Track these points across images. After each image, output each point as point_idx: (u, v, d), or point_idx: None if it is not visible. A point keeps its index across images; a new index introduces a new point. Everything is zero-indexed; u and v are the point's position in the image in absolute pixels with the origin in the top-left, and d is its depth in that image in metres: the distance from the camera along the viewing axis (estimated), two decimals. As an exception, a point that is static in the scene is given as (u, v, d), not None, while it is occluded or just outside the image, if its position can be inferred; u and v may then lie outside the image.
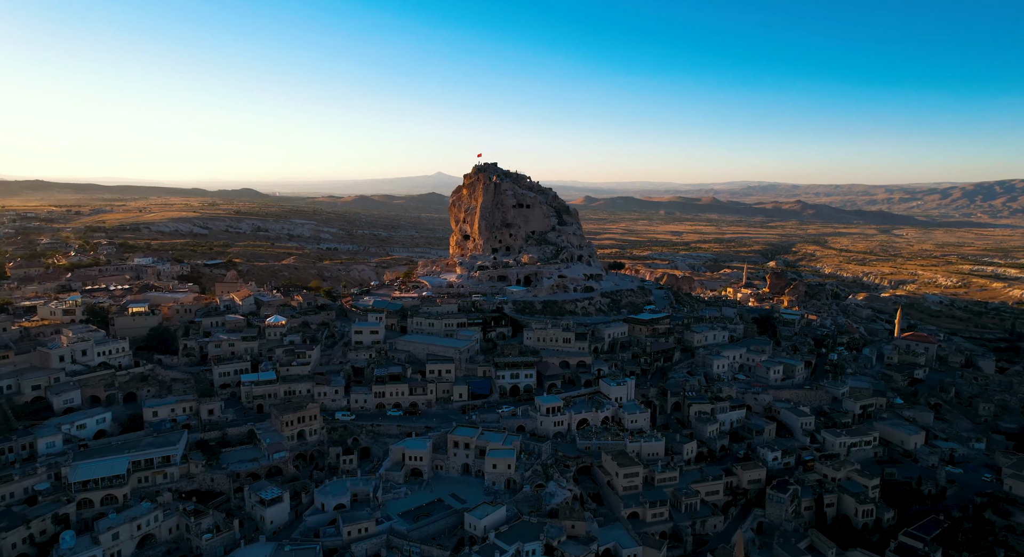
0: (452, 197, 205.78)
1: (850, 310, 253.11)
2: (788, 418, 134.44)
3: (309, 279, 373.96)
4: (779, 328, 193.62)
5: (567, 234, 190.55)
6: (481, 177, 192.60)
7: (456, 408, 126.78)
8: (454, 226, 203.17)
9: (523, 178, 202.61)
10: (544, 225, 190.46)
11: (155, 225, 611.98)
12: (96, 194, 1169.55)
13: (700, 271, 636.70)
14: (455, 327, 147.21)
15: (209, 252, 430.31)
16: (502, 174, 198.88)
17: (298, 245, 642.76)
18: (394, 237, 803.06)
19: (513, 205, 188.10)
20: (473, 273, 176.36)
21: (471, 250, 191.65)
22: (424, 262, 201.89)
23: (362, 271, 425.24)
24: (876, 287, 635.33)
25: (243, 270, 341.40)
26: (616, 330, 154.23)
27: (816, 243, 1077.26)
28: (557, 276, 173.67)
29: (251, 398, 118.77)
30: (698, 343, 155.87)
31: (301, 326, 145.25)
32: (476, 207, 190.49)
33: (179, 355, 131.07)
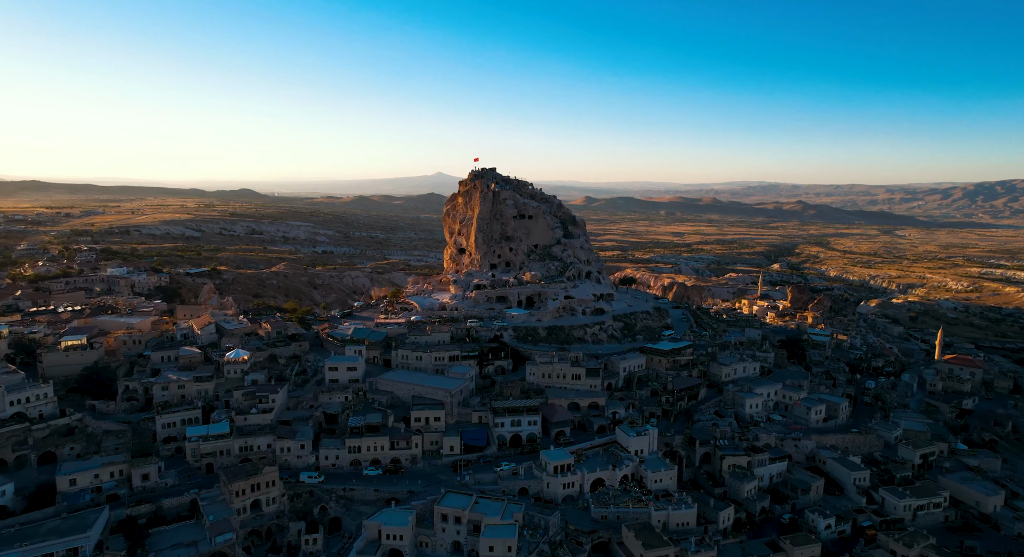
0: (446, 206, 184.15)
1: (879, 327, 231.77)
2: (837, 471, 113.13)
3: (299, 288, 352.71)
4: (808, 351, 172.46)
5: (574, 248, 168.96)
6: (478, 184, 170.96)
7: (446, 464, 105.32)
8: (448, 238, 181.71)
9: (524, 185, 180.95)
10: (548, 238, 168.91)
11: (146, 228, 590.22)
12: (92, 195, 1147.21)
13: (705, 276, 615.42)
14: (447, 361, 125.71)
15: (197, 258, 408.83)
16: (501, 181, 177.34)
17: (293, 248, 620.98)
18: (392, 239, 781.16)
19: (513, 216, 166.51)
20: (468, 293, 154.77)
21: (467, 265, 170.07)
22: (414, 279, 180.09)
23: (355, 278, 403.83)
24: (885, 291, 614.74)
25: (228, 279, 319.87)
26: (632, 362, 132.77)
27: (819, 244, 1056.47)
28: (563, 297, 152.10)
29: (199, 456, 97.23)
30: (726, 377, 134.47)
31: (268, 361, 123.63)
32: (472, 218, 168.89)
33: (118, 400, 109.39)
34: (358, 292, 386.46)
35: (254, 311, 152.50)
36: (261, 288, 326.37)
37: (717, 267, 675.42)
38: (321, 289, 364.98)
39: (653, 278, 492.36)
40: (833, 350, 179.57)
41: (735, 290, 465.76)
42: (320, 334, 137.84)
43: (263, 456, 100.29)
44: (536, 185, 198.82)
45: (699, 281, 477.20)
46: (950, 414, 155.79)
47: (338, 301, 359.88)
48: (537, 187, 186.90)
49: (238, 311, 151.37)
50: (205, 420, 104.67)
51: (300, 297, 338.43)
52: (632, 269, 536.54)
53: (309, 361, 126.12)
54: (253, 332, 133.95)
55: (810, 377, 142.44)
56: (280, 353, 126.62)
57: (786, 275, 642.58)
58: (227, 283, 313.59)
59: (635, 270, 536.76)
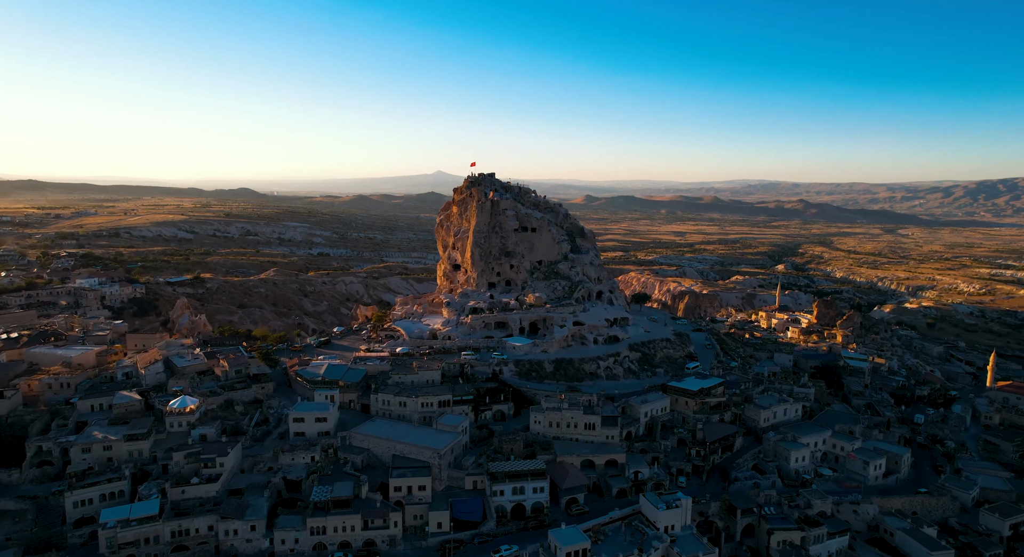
0: (439, 216, 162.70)
1: (916, 346, 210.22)
2: (910, 547, 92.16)
3: (288, 296, 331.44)
4: (846, 379, 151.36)
5: (582, 264, 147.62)
6: (475, 192, 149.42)
7: (432, 546, 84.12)
8: (442, 252, 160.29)
9: (527, 192, 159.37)
10: (554, 253, 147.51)
11: (136, 230, 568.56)
12: (89, 194, 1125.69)
13: (711, 278, 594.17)
14: (435, 407, 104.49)
15: (185, 263, 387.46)
16: (501, 188, 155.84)
17: (288, 251, 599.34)
18: (390, 240, 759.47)
19: (515, 228, 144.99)
20: (463, 318, 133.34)
21: (462, 284, 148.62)
22: (402, 300, 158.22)
23: (349, 285, 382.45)
24: (894, 294, 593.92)
25: (212, 288, 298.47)
26: (655, 405, 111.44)
27: (822, 244, 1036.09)
28: (572, 323, 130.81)
29: (116, 548, 76.19)
30: (765, 422, 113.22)
31: (223, 408, 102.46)
32: (468, 230, 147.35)
33: (25, 466, 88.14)
34: (351, 299, 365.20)
35: (216, 341, 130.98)
36: (247, 297, 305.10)
37: (722, 269, 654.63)
38: (312, 297, 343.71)
39: (659, 283, 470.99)
40: (871, 376, 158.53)
41: (744, 295, 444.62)
42: (289, 371, 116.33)
43: (202, 541, 79.21)
44: (536, 183, 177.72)
45: (706, 285, 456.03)
46: (1014, 454, 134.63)
47: (330, 309, 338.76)
48: (541, 194, 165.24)
49: (199, 339, 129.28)
50: (134, 493, 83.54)
51: (289, 306, 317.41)
52: (636, 272, 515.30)
53: (273, 408, 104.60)
54: (209, 369, 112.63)
55: (861, 419, 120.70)
56: (238, 398, 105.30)
57: (792, 277, 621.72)
58: (210, 293, 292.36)
59: (639, 273, 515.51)
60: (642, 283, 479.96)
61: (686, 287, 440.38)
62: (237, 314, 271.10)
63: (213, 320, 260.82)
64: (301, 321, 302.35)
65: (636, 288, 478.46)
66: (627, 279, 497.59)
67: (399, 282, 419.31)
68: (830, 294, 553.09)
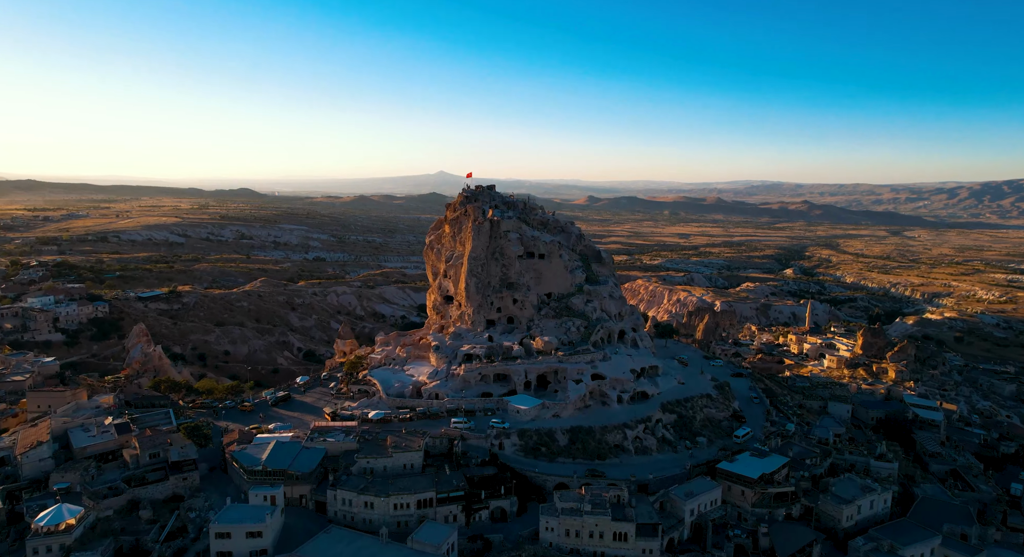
0: (429, 236, 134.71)
1: (983, 384, 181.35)
2: None
3: (273, 310, 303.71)
4: (918, 436, 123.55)
5: (600, 298, 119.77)
6: (471, 210, 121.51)
7: None
8: (432, 280, 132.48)
9: (533, 210, 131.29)
10: (566, 284, 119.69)
11: (126, 234, 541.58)
12: (87, 195, 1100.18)
13: (719, 284, 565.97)
14: (413, 509, 76.93)
15: (168, 271, 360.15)
16: (502, 203, 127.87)
17: (283, 256, 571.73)
18: (389, 244, 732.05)
19: (519, 255, 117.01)
20: (455, 368, 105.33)
21: (455, 320, 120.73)
22: (383, 339, 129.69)
23: (341, 296, 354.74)
24: (910, 301, 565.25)
25: (189, 303, 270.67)
26: (703, 499, 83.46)
27: (828, 246, 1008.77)
28: (591, 376, 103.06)
29: None
30: (847, 520, 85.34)
31: (123, 514, 74.69)
32: (463, 256, 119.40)
33: None
34: (343, 312, 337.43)
35: (141, 399, 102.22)
36: (228, 312, 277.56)
37: (729, 275, 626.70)
38: (300, 310, 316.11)
39: (667, 292, 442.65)
40: (945, 429, 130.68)
41: (758, 306, 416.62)
42: (225, 451, 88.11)
43: None
44: (538, 184, 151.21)
45: (717, 295, 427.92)
46: None
47: (318, 324, 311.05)
48: (549, 211, 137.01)
49: (120, 399, 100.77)
50: None
51: (274, 321, 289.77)
52: (643, 280, 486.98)
53: (195, 510, 76.50)
54: (119, 449, 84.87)
55: (969, 512, 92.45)
56: (149, 496, 77.19)
57: (803, 283, 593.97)
58: (186, 309, 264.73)
59: (646, 281, 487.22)
60: (650, 292, 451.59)
61: (697, 297, 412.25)
62: (214, 333, 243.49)
63: (186, 341, 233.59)
64: (285, 338, 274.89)
65: (644, 297, 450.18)
66: (634, 287, 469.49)
67: (395, 292, 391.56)
68: (844, 302, 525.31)
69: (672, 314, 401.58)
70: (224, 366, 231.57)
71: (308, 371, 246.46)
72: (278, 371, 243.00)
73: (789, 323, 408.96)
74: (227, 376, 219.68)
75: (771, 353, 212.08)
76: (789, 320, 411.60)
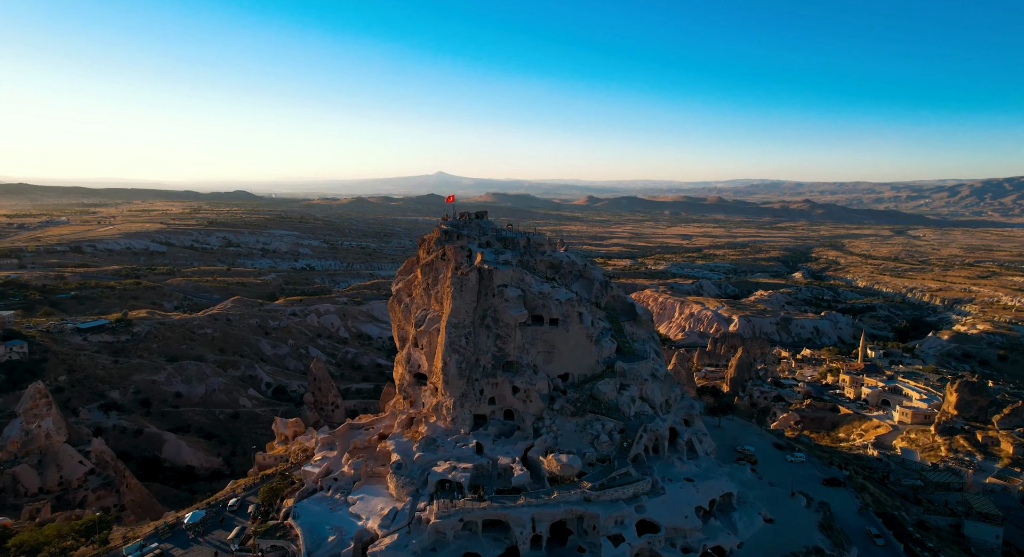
0: (396, 283, 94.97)
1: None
2: None
3: (242, 336, 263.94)
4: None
5: (640, 379, 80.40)
6: (451, 253, 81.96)
7: None
8: (399, 346, 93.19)
9: (539, 247, 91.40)
10: (589, 361, 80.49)
11: (102, 242, 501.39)
12: (80, 198, 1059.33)
13: (730, 293, 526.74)
14: None
15: (134, 289, 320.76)
16: (495, 239, 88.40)
17: (269, 265, 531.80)
18: (384, 249, 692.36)
19: (522, 322, 78.13)
20: (424, 509, 66.35)
21: (428, 412, 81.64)
22: (324, 439, 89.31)
23: (324, 315, 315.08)
24: (929, 308, 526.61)
25: (140, 333, 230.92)
26: None
27: (834, 247, 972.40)
28: (635, 525, 64.18)
29: None
30: None
31: None
32: (441, 320, 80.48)
33: None
34: (323, 335, 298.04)
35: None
36: (188, 342, 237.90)
37: (738, 281, 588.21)
38: (274, 335, 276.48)
39: (679, 304, 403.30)
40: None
41: (778, 320, 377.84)
42: None
43: None
44: (537, 184, 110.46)
45: (733, 309, 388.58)
46: None
47: (294, 352, 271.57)
48: (561, 246, 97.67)
49: None
50: None
51: (241, 350, 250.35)
52: (651, 290, 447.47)
53: None
54: None
55: None
56: None
57: (816, 289, 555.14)
58: (136, 340, 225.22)
59: (654, 291, 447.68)
60: (660, 304, 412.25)
61: (712, 311, 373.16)
62: (165, 371, 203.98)
63: (127, 383, 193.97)
64: (253, 372, 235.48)
65: (654, 310, 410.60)
66: (642, 298, 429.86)
67: (384, 308, 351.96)
68: (863, 310, 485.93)
69: (686, 332, 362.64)
70: (173, 413, 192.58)
71: (275, 411, 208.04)
72: (238, 416, 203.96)
73: (812, 339, 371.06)
74: (172, 428, 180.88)
75: (821, 398, 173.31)
76: (812, 335, 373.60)
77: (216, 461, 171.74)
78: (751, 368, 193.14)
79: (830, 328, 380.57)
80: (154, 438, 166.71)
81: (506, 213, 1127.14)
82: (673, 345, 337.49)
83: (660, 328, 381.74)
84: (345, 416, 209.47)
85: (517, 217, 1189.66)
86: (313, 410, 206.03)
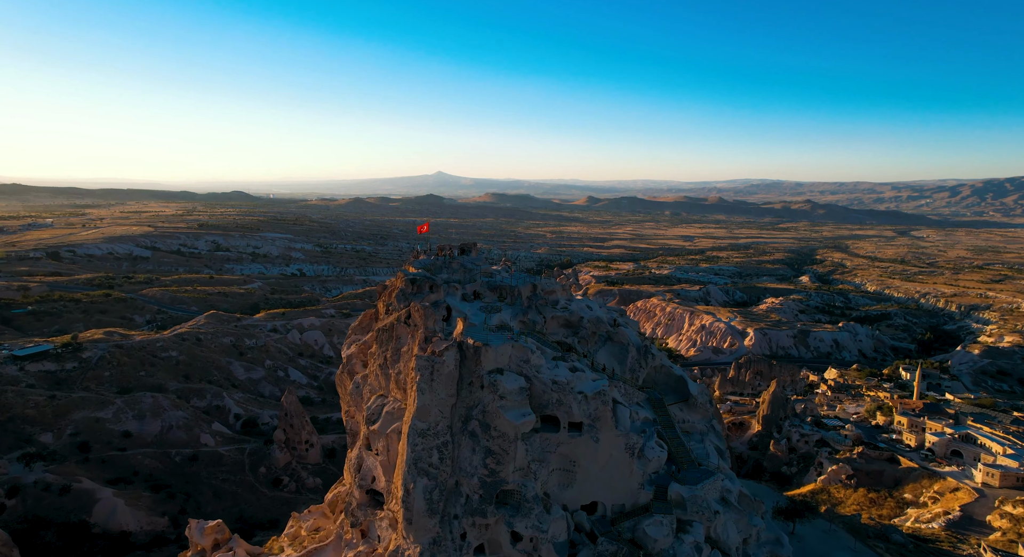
0: (347, 346, 65.10)
1: None
2: None
3: (212, 359, 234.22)
4: None
5: (704, 510, 52.62)
6: (417, 316, 53.41)
7: None
8: (348, 444, 64.30)
9: (548, 298, 62.47)
10: (627, 486, 51.83)
11: (83, 247, 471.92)
12: (74, 199, 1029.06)
13: (739, 299, 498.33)
14: None
15: (102, 302, 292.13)
16: (485, 287, 59.77)
17: (258, 271, 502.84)
18: (379, 253, 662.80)
19: (529, 429, 49.81)
20: None
21: (383, 555, 53.49)
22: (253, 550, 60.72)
23: (307, 330, 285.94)
24: (945, 314, 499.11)
25: (90, 360, 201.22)
26: None
27: (837, 248, 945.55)
28: None
29: None
30: None
31: None
32: (403, 415, 51.88)
33: None
34: (305, 354, 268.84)
35: None
36: (147, 368, 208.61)
37: (745, 285, 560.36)
38: (250, 356, 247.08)
39: (688, 315, 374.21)
40: None
41: (795, 333, 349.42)
42: None
43: None
44: (537, 184, 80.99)
45: (747, 320, 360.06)
46: None
47: (270, 375, 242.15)
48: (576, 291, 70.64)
49: None
50: None
51: (210, 376, 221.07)
52: (658, 298, 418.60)
53: None
54: None
55: None
56: None
57: (827, 296, 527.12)
58: (85, 368, 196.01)
59: (661, 299, 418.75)
60: (668, 315, 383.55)
61: (725, 324, 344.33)
62: (113, 406, 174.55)
63: (63, 423, 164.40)
64: (220, 402, 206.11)
65: (662, 321, 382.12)
66: (649, 307, 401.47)
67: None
68: (878, 319, 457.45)
69: (698, 346, 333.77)
70: (117, 458, 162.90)
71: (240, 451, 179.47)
72: (198, 459, 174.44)
73: (832, 353, 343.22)
74: (112, 479, 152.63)
75: (875, 444, 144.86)
76: (832, 349, 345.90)
77: (160, 522, 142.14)
78: (787, 404, 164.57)
79: (850, 341, 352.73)
80: (84, 496, 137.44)
81: (505, 213, 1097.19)
82: (684, 362, 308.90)
83: (669, 340, 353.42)
84: (321, 456, 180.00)
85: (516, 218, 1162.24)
86: (284, 450, 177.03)
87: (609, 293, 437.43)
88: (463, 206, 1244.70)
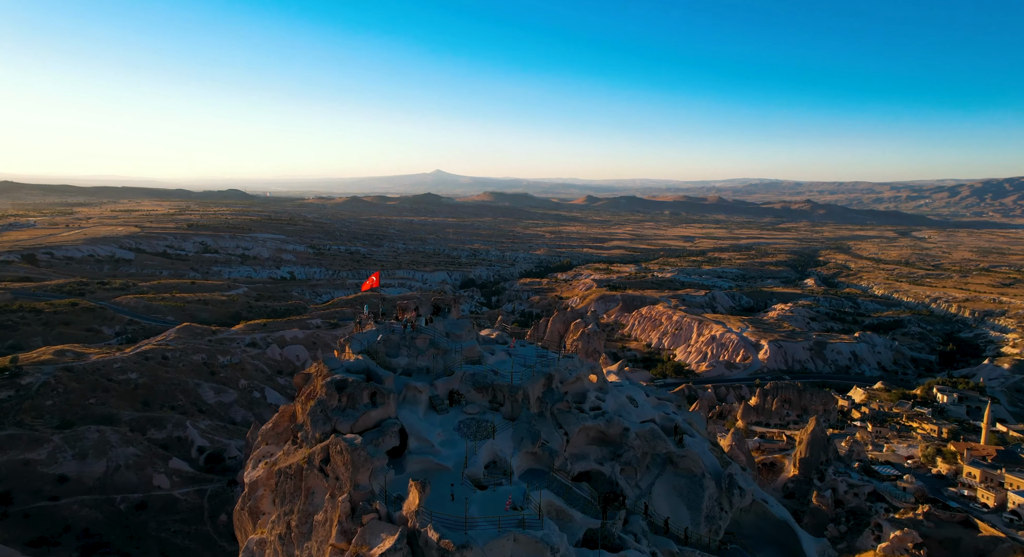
0: (250, 469, 43.14)
1: None
2: None
3: (179, 381, 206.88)
4: None
5: None
6: (339, 459, 28.93)
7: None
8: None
9: (568, 393, 38.82)
10: None
11: (62, 249, 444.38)
12: (67, 197, 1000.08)
13: (746, 305, 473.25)
14: None
15: (67, 312, 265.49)
16: (470, 385, 35.80)
17: (246, 274, 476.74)
18: (375, 254, 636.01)
19: None
20: None
21: None
22: None
23: (289, 344, 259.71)
24: (958, 320, 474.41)
25: (32, 386, 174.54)
26: None
27: (840, 249, 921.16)
28: None
29: None
30: None
31: None
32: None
33: None
34: (285, 371, 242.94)
35: None
36: (99, 394, 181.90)
37: (750, 290, 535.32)
38: (223, 374, 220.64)
39: (696, 324, 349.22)
40: None
41: (811, 345, 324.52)
42: None
43: None
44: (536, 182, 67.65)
45: (759, 331, 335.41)
46: None
47: (242, 398, 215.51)
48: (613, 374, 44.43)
49: None
50: None
51: (173, 402, 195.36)
52: (663, 305, 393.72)
53: None
54: None
55: None
56: None
57: (835, 300, 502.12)
58: (25, 397, 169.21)
59: (667, 306, 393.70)
60: (675, 324, 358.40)
61: (737, 335, 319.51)
62: (49, 444, 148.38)
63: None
64: (182, 433, 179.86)
65: (668, 330, 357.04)
66: (655, 316, 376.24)
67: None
68: (891, 325, 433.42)
69: (708, 359, 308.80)
70: (46, 510, 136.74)
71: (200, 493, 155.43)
72: (147, 506, 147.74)
73: (851, 366, 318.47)
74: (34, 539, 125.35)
75: (944, 504, 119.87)
76: (850, 362, 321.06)
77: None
78: (828, 445, 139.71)
79: (868, 353, 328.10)
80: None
81: (504, 213, 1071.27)
82: (696, 378, 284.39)
83: (677, 352, 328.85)
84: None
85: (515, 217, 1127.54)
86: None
87: (612, 298, 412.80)
88: (461, 205, 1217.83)
